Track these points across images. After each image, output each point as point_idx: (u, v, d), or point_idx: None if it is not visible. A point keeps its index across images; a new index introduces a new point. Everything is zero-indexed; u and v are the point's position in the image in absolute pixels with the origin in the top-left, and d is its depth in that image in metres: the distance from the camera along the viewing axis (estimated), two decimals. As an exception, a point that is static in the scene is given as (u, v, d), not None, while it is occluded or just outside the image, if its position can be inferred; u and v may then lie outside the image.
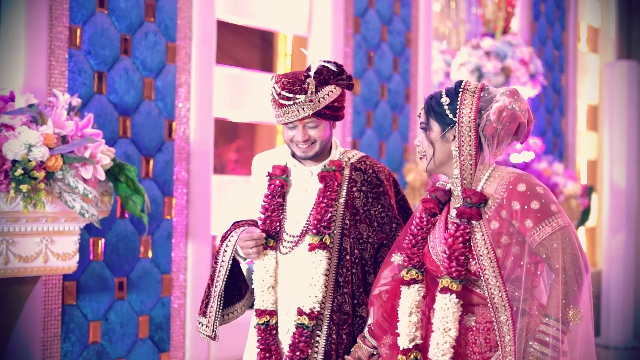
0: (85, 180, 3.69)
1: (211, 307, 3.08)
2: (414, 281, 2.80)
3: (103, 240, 4.42)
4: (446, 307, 2.66)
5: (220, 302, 3.06)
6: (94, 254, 4.39)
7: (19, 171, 3.42)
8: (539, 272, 2.69)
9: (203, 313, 3.10)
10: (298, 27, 5.94)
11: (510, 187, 2.61)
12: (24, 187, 3.43)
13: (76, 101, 3.91)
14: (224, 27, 5.44)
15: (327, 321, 3.00)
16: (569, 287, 2.54)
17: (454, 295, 2.65)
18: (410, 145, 6.48)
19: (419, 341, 2.77)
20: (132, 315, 4.58)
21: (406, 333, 2.77)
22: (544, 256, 2.59)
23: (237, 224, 3.15)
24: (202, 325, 3.10)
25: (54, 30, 4.19)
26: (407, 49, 6.58)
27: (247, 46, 6.31)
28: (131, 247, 4.57)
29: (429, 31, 6.80)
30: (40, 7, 4.12)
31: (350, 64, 5.97)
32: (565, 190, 7.24)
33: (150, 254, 4.67)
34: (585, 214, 7.92)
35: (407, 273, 2.81)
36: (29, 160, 3.45)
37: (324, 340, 3.00)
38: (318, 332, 2.99)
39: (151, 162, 4.67)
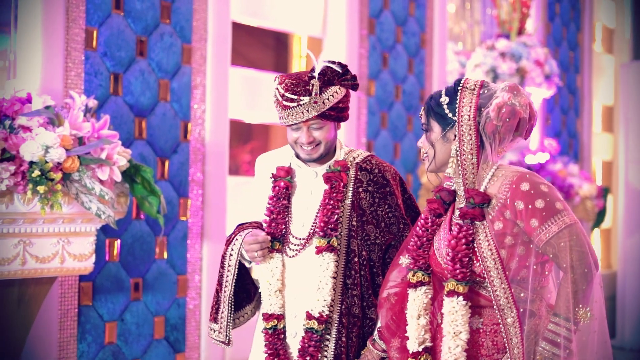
0: (101, 182, 3.71)
1: (222, 312, 3.05)
2: (420, 283, 2.76)
3: (119, 241, 4.43)
4: (455, 311, 2.62)
5: (231, 307, 3.03)
6: (109, 254, 4.41)
7: (36, 172, 3.44)
8: (546, 272, 2.65)
9: (214, 319, 3.07)
10: (313, 28, 5.94)
11: (514, 186, 2.57)
12: (41, 189, 3.45)
13: (92, 103, 3.93)
14: (237, 29, 5.45)
15: (336, 325, 2.96)
16: (578, 285, 2.50)
17: (461, 298, 2.61)
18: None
19: (428, 344, 2.73)
20: (148, 316, 4.60)
21: (415, 336, 2.74)
22: (552, 255, 2.55)
23: (241, 227, 3.11)
24: (214, 331, 3.07)
25: (70, 32, 4.21)
26: (421, 50, 6.57)
27: (261, 47, 6.32)
28: (147, 248, 4.58)
29: (444, 32, 6.79)
30: (56, 9, 4.14)
31: (365, 65, 5.98)
32: (580, 191, 7.21)
33: (165, 255, 4.68)
34: (600, 215, 7.89)
35: (413, 275, 2.77)
36: (46, 162, 3.47)
37: (334, 344, 2.96)
38: (327, 336, 2.96)
39: (166, 163, 4.68)
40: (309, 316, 2.92)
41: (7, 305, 3.70)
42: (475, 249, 2.61)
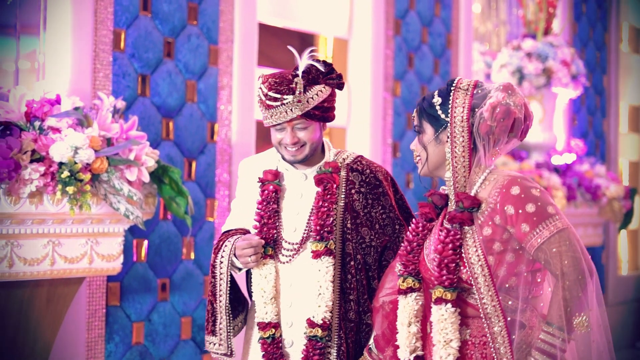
0: (129, 183, 3.73)
1: (220, 323, 2.94)
2: (410, 290, 2.66)
3: (146, 241, 4.45)
4: (443, 318, 2.52)
5: (229, 316, 2.94)
6: (137, 255, 4.43)
7: (65, 173, 3.46)
8: (539, 280, 2.54)
9: (212, 332, 2.96)
10: (338, 29, 5.94)
11: (504, 190, 2.48)
12: (70, 189, 3.47)
13: (121, 104, 3.95)
14: (262, 30, 5.46)
15: (336, 331, 2.88)
16: (572, 293, 2.38)
17: (449, 305, 2.51)
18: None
19: (419, 352, 2.63)
20: (175, 316, 4.61)
21: (406, 344, 2.64)
22: (543, 262, 2.44)
23: (226, 234, 3.01)
24: (214, 344, 2.96)
25: (98, 33, 4.24)
26: (447, 50, 6.55)
27: (286, 48, 6.32)
28: (174, 248, 4.60)
29: (470, 32, 6.77)
30: (85, 11, 4.17)
31: (390, 65, 5.96)
32: (607, 192, 7.16)
33: (192, 256, 4.70)
34: (627, 217, 7.82)
35: (403, 281, 2.67)
36: (75, 163, 3.49)
37: (336, 351, 2.87)
38: (329, 343, 2.87)
39: (193, 164, 4.69)
40: (312, 324, 2.83)
41: (37, 305, 3.72)
42: (463, 255, 2.51)
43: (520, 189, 2.46)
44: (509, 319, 2.47)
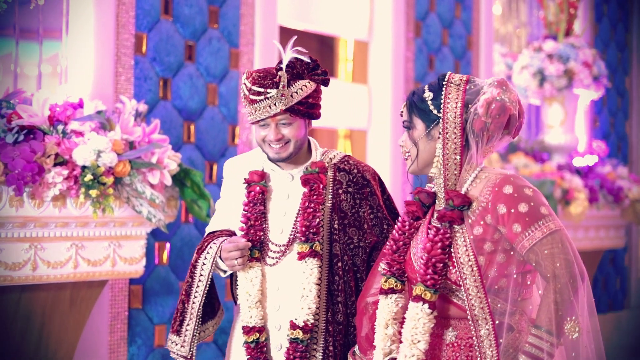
0: (152, 186, 3.74)
1: (187, 325, 2.88)
2: (392, 290, 2.57)
3: (168, 244, 4.46)
4: (417, 317, 2.43)
5: (198, 320, 2.87)
6: (159, 258, 4.44)
7: (89, 177, 3.47)
8: (529, 283, 2.46)
9: (177, 331, 2.90)
10: (359, 31, 5.94)
11: (496, 189, 2.39)
12: (93, 192, 3.49)
13: (143, 107, 3.96)
14: (283, 33, 5.46)
15: (322, 333, 2.83)
16: (564, 296, 2.30)
17: (426, 306, 2.42)
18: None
19: (395, 355, 2.53)
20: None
21: (381, 347, 2.55)
22: (534, 263, 2.36)
23: (212, 235, 2.96)
24: (176, 344, 2.90)
25: (120, 37, 4.25)
26: (468, 52, 6.53)
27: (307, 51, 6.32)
28: (195, 251, 4.61)
29: (490, 34, 6.75)
30: (107, 15, 4.19)
31: (411, 68, 5.95)
32: (630, 194, 7.11)
33: (214, 259, 4.70)
34: (650, 219, 7.77)
35: (385, 282, 2.58)
36: (98, 166, 3.50)
37: (321, 354, 2.82)
38: (314, 345, 2.82)
39: (215, 167, 4.70)
40: (293, 326, 2.78)
41: (60, 308, 3.74)
42: (452, 255, 2.43)
43: (513, 188, 2.39)
44: (497, 322, 2.39)
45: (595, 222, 6.80)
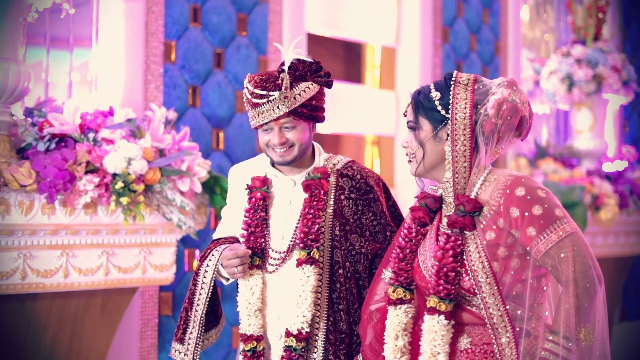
0: (182, 193, 3.75)
1: (191, 333, 2.83)
2: (400, 301, 2.49)
3: (198, 251, 4.47)
4: (434, 330, 2.35)
5: (201, 328, 2.83)
6: (189, 265, 4.45)
7: (119, 184, 3.49)
8: (544, 287, 2.37)
9: (180, 340, 2.85)
10: (386, 38, 5.93)
11: (508, 191, 2.30)
12: (124, 200, 3.50)
13: (172, 115, 3.98)
14: (310, 40, 5.47)
15: (322, 342, 2.75)
16: (581, 301, 2.21)
17: (442, 317, 2.34)
18: (501, 155, 6.39)
19: None
20: (226, 326, 4.63)
21: (391, 358, 2.48)
22: (550, 268, 2.27)
23: (216, 242, 2.91)
24: (180, 353, 2.85)
25: (149, 45, 4.28)
26: (496, 57, 6.51)
27: (332, 58, 6.33)
28: (225, 258, 4.61)
29: (518, 39, 6.72)
30: (136, 23, 4.21)
31: (439, 74, 5.94)
32: (660, 199, 7.04)
33: (243, 265, 4.70)
34: (681, 224, 7.69)
35: (393, 292, 2.50)
36: (129, 174, 3.52)
37: None
38: (314, 354, 2.75)
39: (243, 174, 4.71)
40: (288, 333, 2.72)
41: (91, 315, 3.76)
42: (465, 262, 2.33)
43: (526, 190, 2.29)
44: (517, 329, 2.31)
45: (626, 228, 6.74)
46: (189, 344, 2.83)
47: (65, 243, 3.53)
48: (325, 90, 2.78)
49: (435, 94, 2.40)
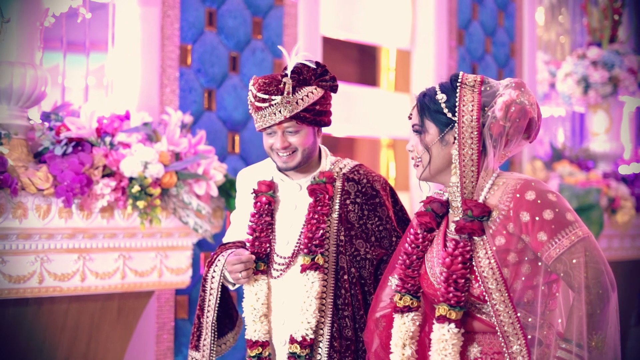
0: (198, 197, 3.76)
1: (204, 339, 2.80)
2: (407, 309, 2.42)
3: (213, 255, 4.47)
4: (444, 339, 2.28)
5: (214, 333, 2.79)
6: (204, 268, 4.45)
7: (136, 188, 3.50)
8: (556, 294, 2.30)
9: (195, 347, 2.82)
10: (401, 40, 5.92)
11: (517, 195, 2.23)
12: (140, 204, 3.51)
13: (188, 119, 3.98)
14: (325, 43, 5.47)
15: (326, 349, 2.69)
16: (594, 308, 2.15)
17: (452, 325, 2.28)
18: (516, 158, 6.38)
19: None
20: (243, 329, 4.62)
21: None
22: (562, 274, 2.20)
23: (223, 247, 2.88)
24: None
25: (165, 49, 4.29)
26: (511, 60, 6.49)
27: (346, 61, 6.33)
28: (240, 261, 4.61)
29: (534, 42, 6.69)
30: (152, 27, 4.22)
31: (454, 76, 5.92)
32: (678, 202, 7.00)
33: (258, 269, 4.70)
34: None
35: (400, 299, 2.43)
36: (145, 177, 3.53)
37: None
38: None
39: (259, 177, 4.71)
40: (292, 340, 2.67)
41: (108, 319, 3.77)
42: (474, 269, 2.27)
43: (536, 193, 2.22)
44: (529, 337, 2.24)
45: (643, 231, 6.71)
46: (204, 351, 2.80)
47: (82, 247, 3.54)
48: (340, 93, 2.75)
49: (441, 96, 2.34)
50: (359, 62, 6.24)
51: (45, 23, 3.51)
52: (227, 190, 3.95)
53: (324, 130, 2.68)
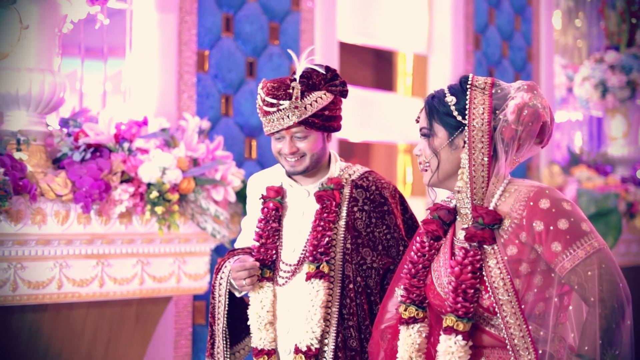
0: (216, 202, 3.76)
1: (218, 347, 2.76)
2: (413, 320, 2.34)
3: (231, 260, 4.47)
4: (451, 351, 2.19)
5: (226, 340, 2.74)
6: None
7: (154, 194, 3.50)
8: (570, 307, 2.22)
9: (210, 354, 2.79)
10: (418, 45, 5.91)
11: (531, 203, 2.15)
12: (159, 209, 3.52)
13: (206, 124, 3.99)
14: (342, 48, 5.47)
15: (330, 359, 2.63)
16: (610, 323, 2.06)
17: (460, 337, 2.18)
18: (534, 163, 6.35)
19: None
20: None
21: None
22: (576, 286, 2.11)
23: (232, 253, 2.84)
24: None
25: (182, 55, 4.29)
26: (528, 64, 6.47)
27: (363, 66, 6.33)
28: (258, 267, 4.61)
29: (551, 46, 6.67)
30: (169, 33, 4.23)
31: (471, 81, 5.91)
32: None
33: (276, 274, 4.70)
34: None
35: (405, 310, 2.35)
36: (163, 183, 3.53)
37: None
38: None
39: (276, 183, 4.71)
40: (297, 350, 2.62)
41: (126, 324, 3.78)
42: (484, 279, 2.18)
43: (550, 202, 2.14)
44: (540, 351, 2.16)
45: (661, 237, 6.67)
46: (218, 359, 2.76)
47: (100, 252, 3.55)
48: (357, 98, 2.71)
49: (450, 99, 2.26)
50: (376, 66, 6.24)
51: (63, 29, 3.52)
52: (245, 196, 3.94)
53: (341, 135, 2.62)
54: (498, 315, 2.16)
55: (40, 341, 3.52)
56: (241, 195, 3.94)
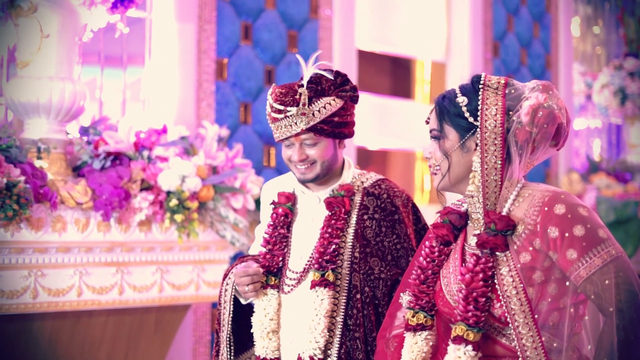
0: (235, 210, 3.76)
1: (222, 355, 2.69)
2: (421, 327, 2.24)
3: (249, 268, 4.47)
4: None
5: (230, 348, 2.67)
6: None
7: (174, 202, 3.51)
8: (585, 317, 2.13)
9: None
10: (436, 53, 5.91)
11: (546, 209, 2.05)
12: (178, 217, 3.52)
13: (225, 132, 3.99)
14: (360, 56, 5.47)
15: None
16: (628, 334, 1.95)
17: (470, 347, 2.08)
18: (552, 170, 6.33)
19: None
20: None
21: None
22: (593, 295, 2.01)
23: (241, 259, 2.77)
24: None
25: (201, 63, 4.31)
26: (547, 71, 6.45)
27: (381, 73, 6.33)
28: (276, 275, 4.61)
29: (569, 53, 6.65)
30: (188, 41, 4.25)
31: (489, 88, 5.89)
32: None
33: (294, 282, 4.70)
34: None
35: (412, 317, 2.25)
36: (183, 191, 3.54)
37: None
38: None
39: (294, 190, 4.71)
40: None
41: (145, 332, 3.78)
42: (496, 287, 2.09)
43: (566, 207, 2.04)
44: None
45: (682, 244, 6.61)
46: None
47: (120, 260, 3.55)
48: (375, 105, 2.66)
49: (462, 99, 2.15)
50: (394, 74, 6.23)
51: (83, 38, 3.54)
52: (264, 203, 3.96)
53: (359, 143, 2.54)
54: (510, 325, 2.08)
55: (59, 349, 3.54)
56: (259, 203, 3.94)
